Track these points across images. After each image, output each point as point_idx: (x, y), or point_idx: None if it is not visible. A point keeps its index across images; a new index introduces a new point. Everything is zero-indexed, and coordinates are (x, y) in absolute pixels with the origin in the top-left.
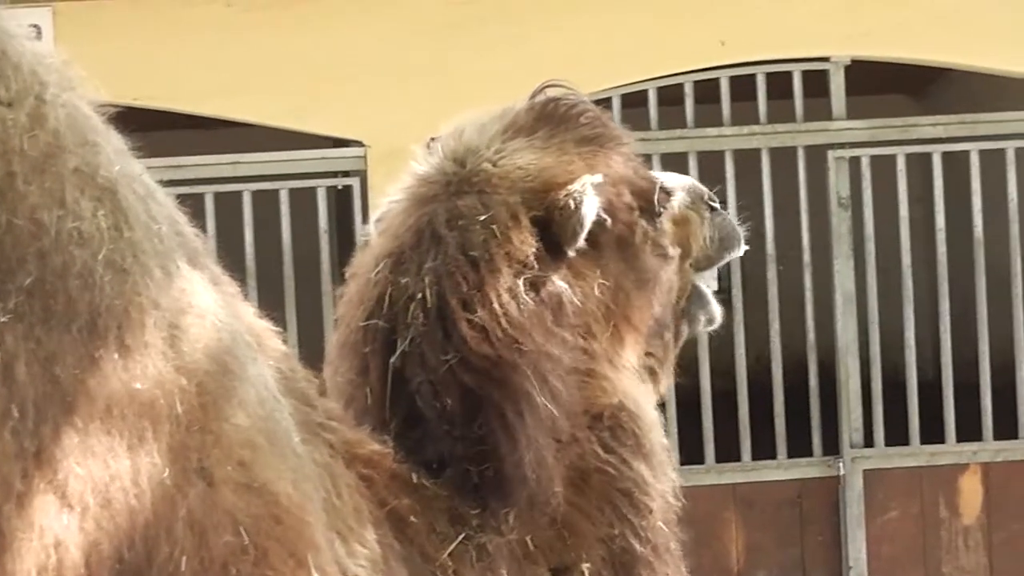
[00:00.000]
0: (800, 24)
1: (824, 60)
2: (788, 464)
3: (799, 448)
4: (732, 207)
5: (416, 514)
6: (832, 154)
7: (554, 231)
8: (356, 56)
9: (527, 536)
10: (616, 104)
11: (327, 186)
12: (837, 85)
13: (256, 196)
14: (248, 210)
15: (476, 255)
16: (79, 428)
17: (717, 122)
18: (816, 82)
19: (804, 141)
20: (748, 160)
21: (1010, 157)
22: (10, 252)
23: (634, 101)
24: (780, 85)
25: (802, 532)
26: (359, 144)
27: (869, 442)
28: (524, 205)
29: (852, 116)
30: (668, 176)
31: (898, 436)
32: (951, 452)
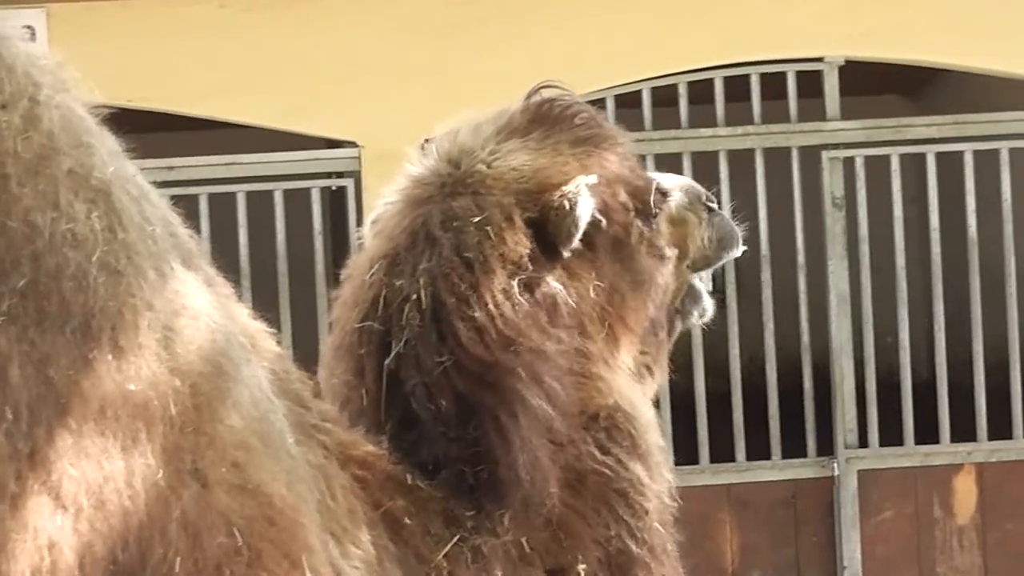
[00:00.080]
0: (794, 25)
1: (818, 61)
2: (782, 464)
3: (793, 448)
4: (726, 208)
5: (411, 515)
6: (826, 154)
7: (549, 232)
8: (350, 57)
9: (522, 538)
10: (610, 105)
11: (321, 187)
12: (831, 86)
13: (250, 197)
14: (242, 211)
15: (471, 256)
16: (73, 429)
17: (711, 123)
18: (810, 83)
19: (798, 142)
20: (742, 161)
21: (1004, 158)
22: (4, 254)
23: (628, 102)
24: (774, 86)
25: (797, 532)
26: (353, 145)
27: (863, 442)
28: (518, 206)
29: (846, 117)
30: (665, 177)
31: (892, 436)
32: (945, 452)
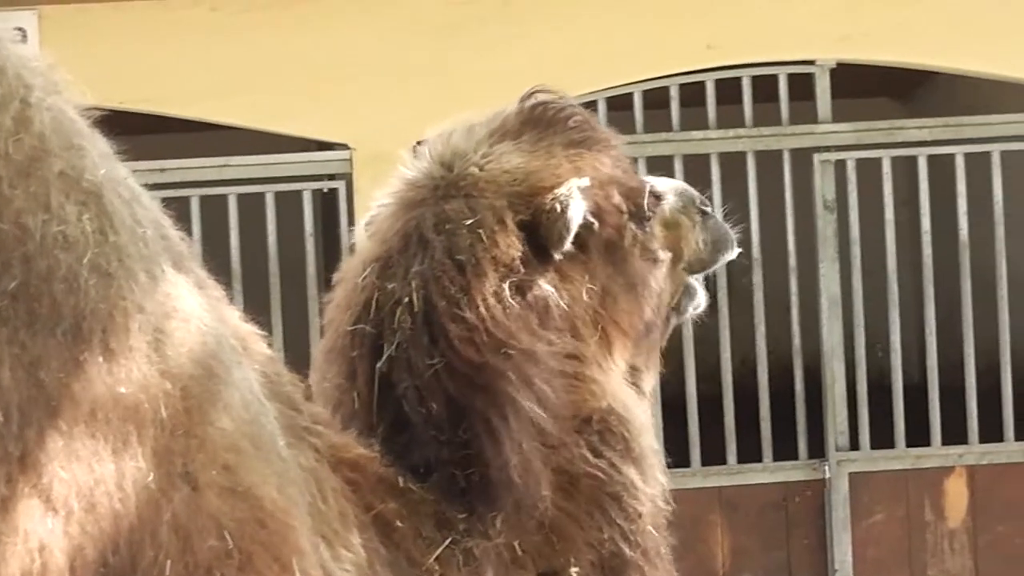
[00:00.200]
0: (785, 27)
1: (810, 63)
2: (774, 467)
3: (785, 451)
4: (718, 210)
5: (402, 518)
6: (818, 157)
7: (541, 235)
8: (342, 60)
9: (515, 541)
10: (601, 107)
11: (313, 189)
12: (823, 88)
13: (242, 199)
14: (234, 213)
15: (463, 259)
16: (64, 432)
17: (703, 125)
18: (801, 85)
19: (790, 144)
20: (734, 163)
21: (995, 160)
22: None
23: (619, 104)
24: (766, 88)
25: (788, 535)
26: (345, 148)
27: (855, 445)
28: (511, 209)
29: (838, 119)
30: (658, 180)
31: (883, 439)
32: (936, 455)
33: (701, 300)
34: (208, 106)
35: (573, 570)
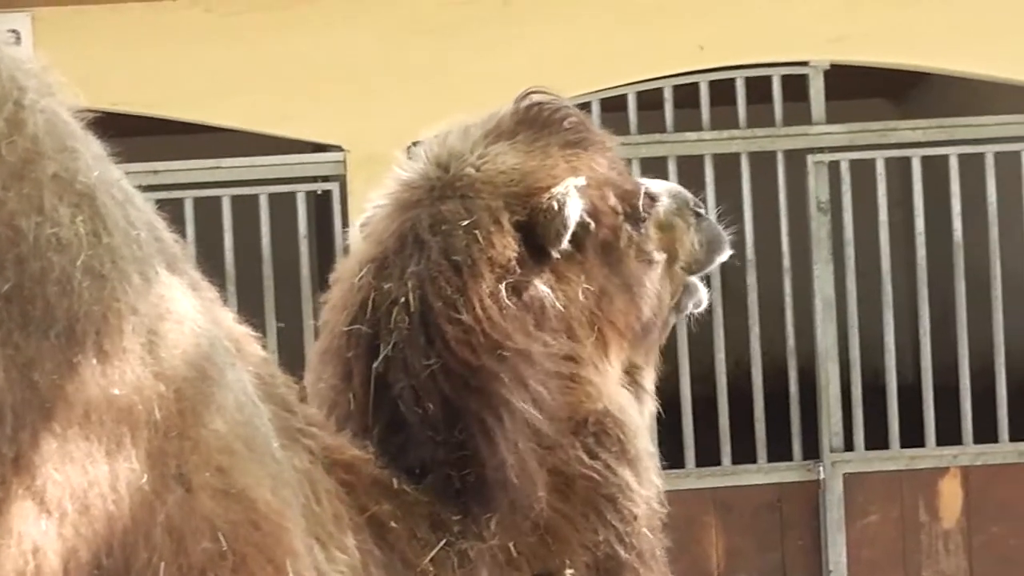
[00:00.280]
0: (779, 29)
1: (803, 64)
2: (768, 468)
3: (779, 452)
4: (712, 212)
5: (397, 520)
6: (811, 158)
7: (538, 234)
8: (336, 61)
9: (510, 542)
10: (596, 109)
11: (307, 191)
12: (816, 89)
13: (236, 201)
14: (228, 215)
15: (459, 260)
16: (57, 434)
17: (697, 126)
18: (795, 86)
19: (783, 145)
20: (727, 164)
21: (989, 161)
22: None
23: (614, 105)
24: (759, 89)
25: (782, 536)
26: (339, 149)
27: (849, 446)
28: (507, 209)
29: (831, 120)
30: (652, 182)
31: (878, 440)
32: (931, 456)
33: (702, 297)
34: (202, 108)
35: (568, 572)
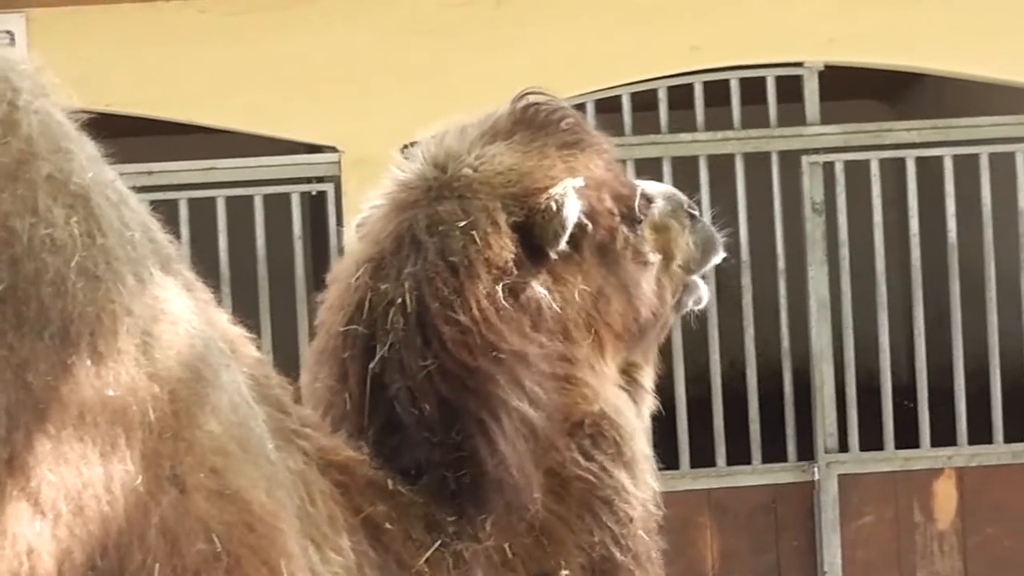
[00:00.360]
0: (773, 29)
1: (798, 65)
2: (763, 469)
3: (774, 453)
4: (706, 213)
5: (392, 521)
6: (806, 159)
7: (535, 235)
8: (331, 62)
9: (505, 543)
10: (590, 110)
11: (301, 192)
12: (811, 90)
13: (230, 202)
14: (222, 216)
15: (456, 261)
16: (52, 435)
17: (691, 127)
18: (790, 87)
19: (778, 146)
20: (722, 165)
21: (984, 162)
22: None
23: (608, 107)
24: (754, 90)
25: (777, 537)
26: (333, 150)
27: (844, 447)
28: (504, 210)
29: (826, 121)
30: (647, 184)
31: (873, 441)
32: (925, 457)
33: (703, 295)
34: (196, 109)
35: (563, 573)
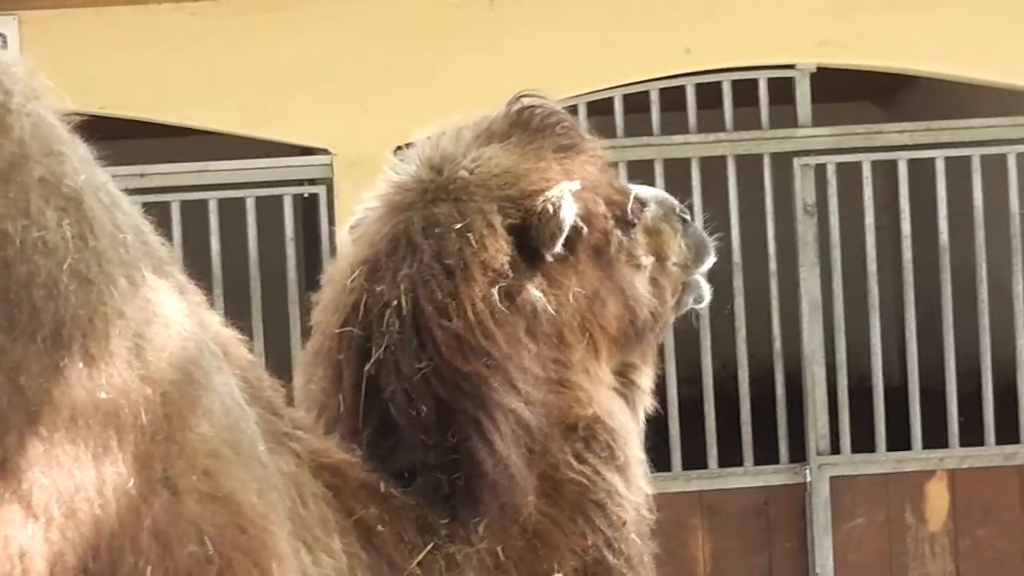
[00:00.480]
0: (766, 31)
1: (790, 67)
2: (755, 471)
3: (766, 455)
4: (698, 215)
5: (384, 523)
6: (798, 161)
7: (532, 237)
8: (323, 64)
9: (498, 546)
10: (582, 112)
11: (293, 194)
12: (803, 92)
13: (222, 204)
14: (214, 218)
15: (451, 263)
16: (44, 438)
17: (683, 129)
18: (782, 89)
19: (770, 148)
20: (714, 167)
21: (975, 164)
22: None
23: (600, 109)
24: (746, 92)
25: (769, 539)
26: (325, 152)
27: (835, 449)
28: (500, 212)
29: (818, 123)
30: (640, 188)
31: (864, 443)
32: (917, 459)
33: (704, 293)
34: (189, 111)
35: None
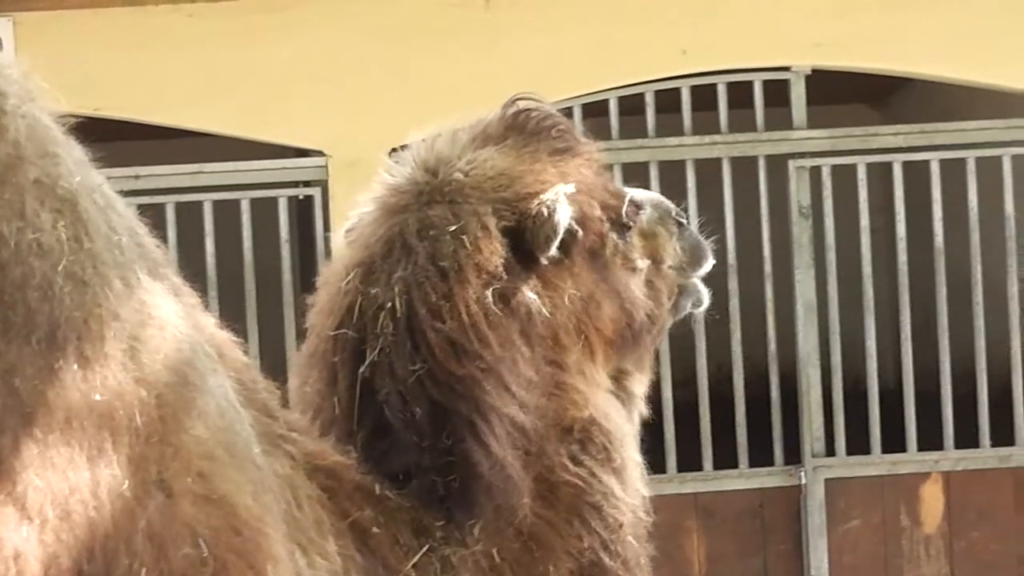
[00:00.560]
0: (761, 34)
1: (785, 70)
2: (750, 473)
3: (761, 457)
4: (693, 217)
5: (379, 525)
6: (793, 163)
7: (526, 240)
8: (318, 66)
9: (493, 548)
10: (577, 114)
11: (288, 196)
12: (798, 95)
13: (217, 206)
14: (209, 220)
15: (445, 266)
16: (38, 440)
17: (678, 132)
18: (777, 92)
19: (765, 151)
20: (709, 169)
21: (970, 167)
22: None
23: (595, 111)
24: (741, 94)
25: (764, 541)
26: (320, 154)
27: (830, 451)
28: (495, 215)
29: (813, 126)
30: (635, 191)
31: (859, 445)
32: (912, 461)
33: (703, 297)
34: (184, 113)
35: None
